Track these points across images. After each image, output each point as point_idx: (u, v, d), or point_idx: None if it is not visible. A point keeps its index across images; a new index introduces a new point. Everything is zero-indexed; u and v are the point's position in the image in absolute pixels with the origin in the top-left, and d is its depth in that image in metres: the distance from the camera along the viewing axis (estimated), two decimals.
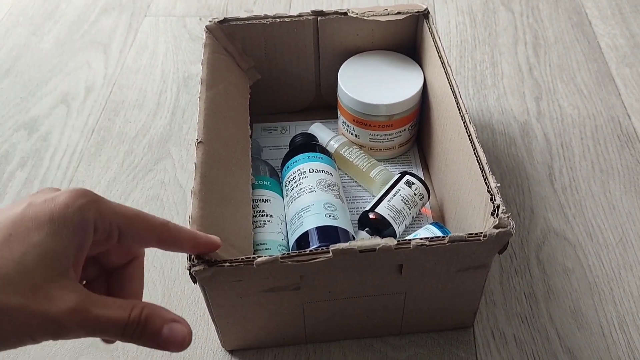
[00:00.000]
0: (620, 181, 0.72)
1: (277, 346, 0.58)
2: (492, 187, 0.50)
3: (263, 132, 0.78)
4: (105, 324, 0.36)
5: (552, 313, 0.60)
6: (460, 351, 0.57)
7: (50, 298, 0.34)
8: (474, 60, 0.91)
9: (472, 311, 0.57)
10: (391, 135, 0.71)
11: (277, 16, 0.70)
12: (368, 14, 0.69)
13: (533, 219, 0.68)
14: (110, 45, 0.96)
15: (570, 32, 0.95)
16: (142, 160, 0.77)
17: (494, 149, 0.77)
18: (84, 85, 0.89)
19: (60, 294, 0.35)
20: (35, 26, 1.00)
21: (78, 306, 0.35)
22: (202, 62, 0.64)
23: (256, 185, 0.63)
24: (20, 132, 0.81)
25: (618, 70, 0.88)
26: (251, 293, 0.49)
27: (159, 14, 1.03)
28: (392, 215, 0.62)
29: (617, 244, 0.66)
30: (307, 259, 0.46)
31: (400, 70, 0.71)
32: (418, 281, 0.52)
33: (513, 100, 0.84)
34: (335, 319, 0.55)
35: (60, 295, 0.35)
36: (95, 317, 0.35)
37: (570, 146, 0.77)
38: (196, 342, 0.58)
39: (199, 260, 0.45)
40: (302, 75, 0.76)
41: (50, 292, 0.34)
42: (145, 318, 0.37)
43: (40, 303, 0.34)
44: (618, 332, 0.58)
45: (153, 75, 0.90)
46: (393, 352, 0.57)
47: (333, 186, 0.63)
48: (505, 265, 0.64)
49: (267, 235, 0.59)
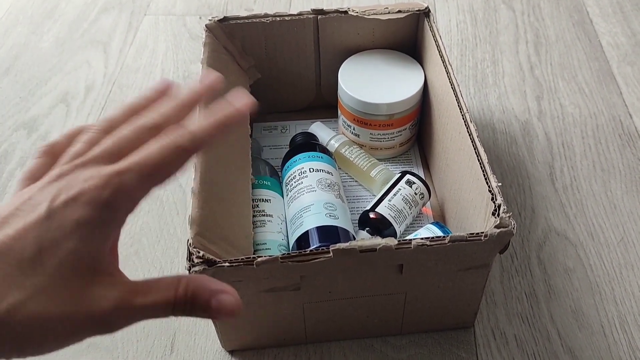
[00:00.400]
0: (621, 180, 0.72)
1: (277, 346, 0.58)
2: (493, 186, 0.50)
3: (263, 131, 0.78)
4: (153, 309, 0.35)
5: (553, 313, 0.60)
6: (461, 351, 0.57)
7: (92, 299, 0.34)
8: (474, 58, 0.90)
9: (473, 311, 0.57)
10: (392, 135, 0.71)
11: (277, 15, 0.70)
12: (368, 12, 0.69)
13: (534, 219, 0.68)
14: (110, 44, 0.96)
15: (571, 30, 0.95)
16: None
17: (494, 148, 0.76)
18: (83, 84, 0.88)
19: (102, 294, 0.34)
20: (34, 25, 1.00)
21: (121, 302, 0.35)
22: (202, 61, 0.64)
23: (256, 184, 0.63)
24: (19, 132, 0.81)
25: (619, 69, 0.87)
26: (251, 293, 0.49)
27: (159, 12, 1.02)
28: (392, 215, 0.62)
29: (618, 243, 0.66)
30: (308, 259, 0.46)
31: (400, 69, 0.71)
32: (419, 281, 0.51)
33: (514, 99, 0.83)
34: (336, 319, 0.55)
35: (101, 294, 0.34)
36: (141, 306, 0.35)
37: (572, 145, 0.77)
38: (196, 342, 0.58)
39: (199, 260, 0.45)
40: (302, 74, 0.76)
41: (91, 293, 0.34)
42: (192, 294, 0.36)
43: (83, 308, 0.34)
44: (619, 331, 0.58)
45: (153, 74, 0.90)
46: (393, 352, 0.57)
47: (333, 186, 0.63)
48: (506, 265, 0.64)
49: (267, 235, 0.59)
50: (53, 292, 0.33)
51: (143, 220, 0.69)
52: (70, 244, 0.34)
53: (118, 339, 0.59)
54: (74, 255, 0.34)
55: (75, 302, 0.33)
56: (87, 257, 0.35)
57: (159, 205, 0.71)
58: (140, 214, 0.70)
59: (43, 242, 0.34)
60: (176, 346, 0.58)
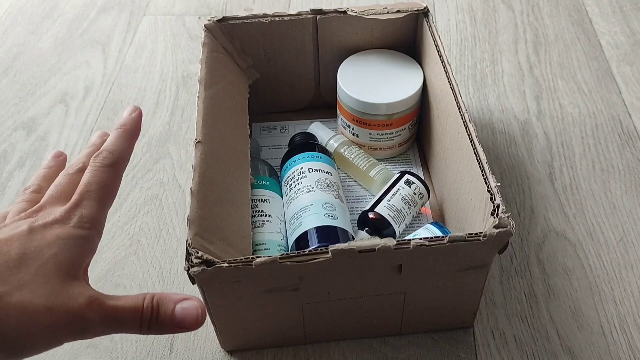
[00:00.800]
0: (620, 180, 0.72)
1: (276, 347, 0.58)
2: (492, 186, 0.50)
3: (262, 131, 0.78)
4: (122, 313, 0.39)
5: (552, 313, 0.60)
6: (460, 351, 0.57)
7: (69, 296, 0.38)
8: (474, 58, 0.90)
9: (472, 311, 0.57)
10: (391, 135, 0.71)
11: (276, 15, 0.69)
12: (367, 12, 0.69)
13: (533, 219, 0.68)
14: (109, 44, 0.96)
15: (570, 30, 0.95)
16: (141, 160, 0.76)
17: (494, 148, 0.76)
18: (82, 84, 0.88)
19: (78, 292, 0.39)
20: (33, 25, 1.00)
21: (95, 299, 0.39)
22: (200, 61, 0.64)
23: (255, 185, 0.63)
24: (18, 132, 0.81)
25: (619, 69, 0.87)
26: (250, 294, 0.49)
27: (158, 12, 1.02)
28: (391, 215, 0.62)
29: (617, 243, 0.66)
30: (307, 260, 0.46)
31: (399, 69, 0.71)
32: (418, 281, 0.51)
33: (513, 99, 0.83)
34: (335, 320, 0.55)
35: (77, 292, 0.39)
36: (112, 307, 0.39)
37: (571, 145, 0.77)
38: (195, 342, 0.58)
39: (197, 260, 0.45)
40: (301, 74, 0.76)
41: (68, 292, 0.38)
42: (157, 303, 0.40)
43: (61, 302, 0.38)
44: (619, 332, 0.58)
45: (152, 75, 0.90)
46: (392, 353, 0.57)
47: (332, 186, 0.63)
48: (505, 265, 0.64)
49: (266, 236, 0.59)
50: (36, 286, 0.37)
51: (142, 221, 0.69)
52: (52, 251, 0.39)
53: (117, 339, 0.58)
54: (55, 258, 0.39)
55: (55, 296, 0.38)
56: (66, 262, 0.39)
57: (158, 205, 0.71)
58: (140, 214, 0.70)
59: (27, 249, 0.39)
60: (175, 346, 0.58)
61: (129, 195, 0.72)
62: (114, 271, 0.64)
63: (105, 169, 0.44)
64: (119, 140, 0.47)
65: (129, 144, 0.47)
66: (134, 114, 0.49)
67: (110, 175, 0.44)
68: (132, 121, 0.48)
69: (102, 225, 0.43)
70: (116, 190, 0.45)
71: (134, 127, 0.48)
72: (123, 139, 0.47)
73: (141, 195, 0.72)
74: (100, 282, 0.63)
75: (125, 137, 0.47)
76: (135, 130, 0.48)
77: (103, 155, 0.45)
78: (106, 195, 0.44)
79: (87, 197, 0.42)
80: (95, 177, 0.43)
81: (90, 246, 0.42)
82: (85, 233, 0.41)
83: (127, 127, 0.48)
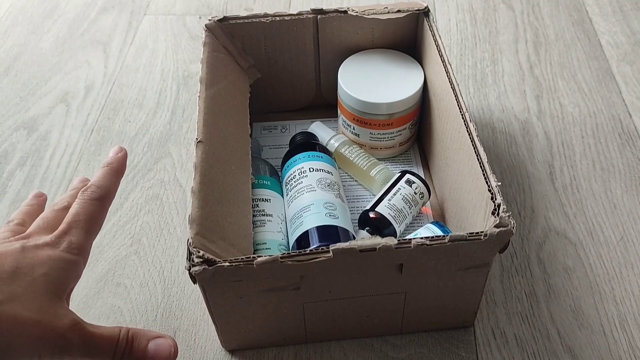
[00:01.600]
0: (621, 179, 0.72)
1: (277, 346, 0.58)
2: (492, 186, 0.50)
3: (263, 131, 0.78)
4: (99, 340, 0.41)
5: (552, 312, 0.60)
6: (461, 350, 0.57)
7: (55, 315, 0.40)
8: (474, 58, 0.91)
9: (473, 310, 0.57)
10: (391, 134, 0.71)
11: (277, 15, 0.70)
12: (368, 12, 0.69)
13: (534, 218, 0.68)
14: (110, 44, 0.96)
15: (570, 29, 0.95)
16: (142, 159, 0.76)
17: (494, 148, 0.76)
18: (83, 84, 0.88)
19: (63, 312, 0.41)
20: (34, 25, 1.00)
21: (77, 322, 0.41)
22: (201, 61, 0.64)
23: (256, 184, 0.63)
24: (19, 132, 0.81)
25: (619, 68, 0.87)
26: (251, 293, 0.49)
27: (159, 12, 1.02)
28: (392, 215, 0.62)
29: (618, 242, 0.66)
30: (307, 259, 0.46)
31: (400, 69, 0.71)
32: (418, 281, 0.51)
33: (513, 99, 0.83)
34: (336, 319, 0.55)
35: (63, 313, 0.41)
36: (91, 334, 0.41)
37: (571, 144, 0.77)
38: (196, 342, 0.58)
39: (199, 260, 0.45)
40: (302, 74, 0.76)
41: (55, 310, 0.40)
42: (131, 336, 0.42)
43: (48, 319, 0.39)
44: (619, 331, 0.58)
45: (153, 74, 0.90)
46: (393, 352, 0.57)
47: (333, 185, 0.63)
48: (506, 264, 0.64)
49: (267, 235, 0.59)
50: (27, 300, 0.39)
51: (143, 220, 0.69)
52: (43, 270, 0.41)
53: None
54: (45, 277, 0.41)
55: (44, 312, 0.39)
56: (55, 282, 0.41)
57: (159, 205, 0.71)
58: (140, 214, 0.70)
59: (20, 264, 0.41)
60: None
61: (130, 195, 0.72)
62: (115, 270, 0.64)
63: (93, 202, 0.47)
64: (106, 177, 0.49)
65: (115, 180, 0.50)
66: (119, 154, 0.52)
67: (98, 208, 0.47)
68: (118, 160, 0.52)
69: (88, 253, 0.46)
70: (101, 223, 0.48)
71: (120, 166, 0.51)
72: (110, 176, 0.50)
73: (142, 195, 0.72)
74: (102, 282, 0.63)
75: (112, 175, 0.50)
76: (122, 168, 0.52)
77: (92, 190, 0.48)
78: (93, 226, 0.47)
79: (75, 226, 0.45)
80: (83, 209, 0.46)
81: (77, 272, 0.44)
82: (74, 258, 0.44)
83: (114, 165, 0.51)
